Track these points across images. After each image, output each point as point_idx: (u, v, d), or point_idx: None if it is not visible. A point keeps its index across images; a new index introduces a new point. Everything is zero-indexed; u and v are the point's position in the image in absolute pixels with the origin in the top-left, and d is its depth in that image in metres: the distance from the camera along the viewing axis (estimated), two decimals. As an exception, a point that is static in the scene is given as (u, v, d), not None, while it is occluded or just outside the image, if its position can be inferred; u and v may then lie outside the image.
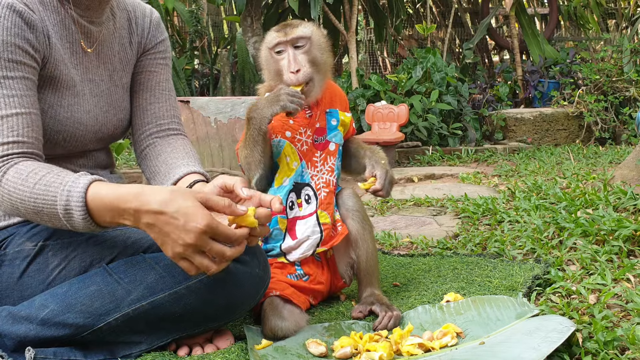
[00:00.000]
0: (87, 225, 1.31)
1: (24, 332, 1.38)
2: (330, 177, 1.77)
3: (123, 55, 1.70)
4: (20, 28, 1.40)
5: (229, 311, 1.49)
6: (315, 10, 5.32)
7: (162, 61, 1.79)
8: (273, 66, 1.71)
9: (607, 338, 1.36)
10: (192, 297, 1.41)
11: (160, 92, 1.77)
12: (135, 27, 1.74)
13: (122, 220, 1.30)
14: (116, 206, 1.28)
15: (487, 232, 2.52)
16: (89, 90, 1.59)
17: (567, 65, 6.70)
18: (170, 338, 1.47)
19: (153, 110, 1.75)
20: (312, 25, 1.74)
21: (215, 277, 1.41)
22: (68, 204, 1.29)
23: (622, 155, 4.69)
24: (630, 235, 2.09)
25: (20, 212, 1.35)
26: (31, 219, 1.37)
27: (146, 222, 1.27)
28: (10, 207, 1.35)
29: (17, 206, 1.34)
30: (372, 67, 8.34)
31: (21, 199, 1.33)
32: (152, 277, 1.41)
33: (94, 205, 1.29)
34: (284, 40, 1.67)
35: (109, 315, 1.39)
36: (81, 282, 1.42)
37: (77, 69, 1.56)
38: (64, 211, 1.30)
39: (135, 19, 1.75)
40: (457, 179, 4.26)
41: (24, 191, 1.32)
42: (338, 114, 1.79)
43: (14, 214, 1.38)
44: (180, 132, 1.80)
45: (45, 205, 1.31)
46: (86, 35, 1.58)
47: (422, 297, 1.79)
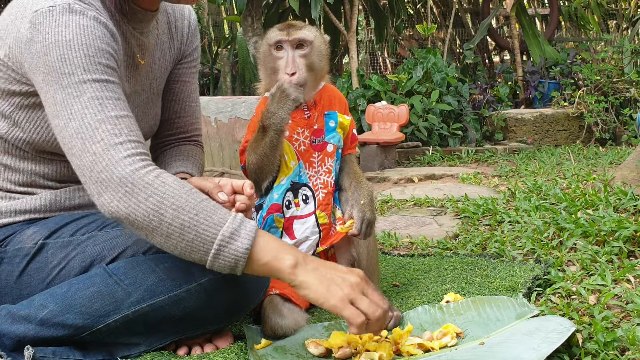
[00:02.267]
0: (240, 258, 1.27)
1: (22, 332, 1.38)
2: (329, 178, 1.77)
3: (162, 62, 1.69)
4: (108, 38, 1.39)
5: (228, 314, 1.49)
6: (316, 10, 5.32)
7: (194, 69, 1.80)
8: (270, 63, 1.71)
9: (607, 339, 1.36)
10: (192, 300, 1.41)
11: (190, 104, 1.79)
12: (174, 31, 1.72)
13: (280, 263, 1.28)
14: (284, 247, 1.31)
15: (487, 233, 2.52)
16: (132, 101, 1.58)
17: (567, 66, 6.70)
18: (170, 340, 1.47)
19: (179, 124, 1.78)
20: (316, 30, 1.74)
21: (215, 280, 1.41)
22: (237, 231, 1.27)
23: (622, 156, 4.69)
24: (630, 236, 2.09)
25: (162, 219, 1.26)
26: (160, 229, 1.27)
27: (311, 267, 1.28)
28: (151, 210, 1.25)
29: (164, 212, 1.25)
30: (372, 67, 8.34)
31: (177, 206, 1.26)
32: (153, 280, 1.40)
33: (261, 241, 1.29)
34: (285, 39, 1.67)
35: (108, 316, 1.39)
36: (81, 283, 1.41)
37: (129, 82, 1.57)
38: (230, 234, 1.26)
39: (174, 22, 1.73)
40: (457, 180, 4.25)
41: (188, 201, 1.27)
42: (337, 116, 1.78)
43: (145, 219, 1.26)
44: (197, 141, 1.82)
45: (207, 222, 1.26)
46: (140, 48, 1.58)
47: (422, 297, 1.79)
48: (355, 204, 1.72)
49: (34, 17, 1.34)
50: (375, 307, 1.25)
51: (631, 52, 6.38)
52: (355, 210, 1.71)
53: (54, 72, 1.32)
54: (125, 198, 1.26)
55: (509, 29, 8.02)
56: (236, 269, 1.29)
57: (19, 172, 1.53)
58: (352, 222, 1.70)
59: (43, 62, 1.33)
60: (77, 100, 1.31)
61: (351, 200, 1.74)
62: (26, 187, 1.54)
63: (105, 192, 1.27)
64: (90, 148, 1.28)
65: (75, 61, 1.32)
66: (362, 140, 5.05)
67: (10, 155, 1.52)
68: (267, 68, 1.73)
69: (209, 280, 1.40)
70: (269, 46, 1.70)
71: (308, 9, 5.57)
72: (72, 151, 1.31)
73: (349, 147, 1.83)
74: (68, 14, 1.34)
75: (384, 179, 4.49)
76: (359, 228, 1.68)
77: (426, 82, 5.83)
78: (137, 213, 1.26)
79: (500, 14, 8.49)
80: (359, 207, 1.70)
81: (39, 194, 1.54)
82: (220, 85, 7.11)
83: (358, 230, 1.69)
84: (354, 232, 1.69)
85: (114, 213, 1.28)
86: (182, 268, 1.41)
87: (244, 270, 1.30)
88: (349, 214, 1.73)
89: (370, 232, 1.71)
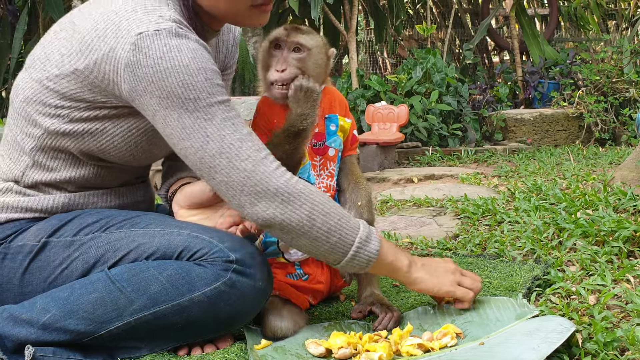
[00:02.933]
0: (373, 257, 1.46)
1: (24, 336, 1.38)
2: (331, 182, 1.76)
3: None
4: (212, 59, 1.42)
5: (230, 323, 1.49)
6: (316, 11, 5.31)
7: (229, 82, 1.82)
8: (266, 60, 1.69)
9: (606, 339, 1.36)
10: (195, 309, 1.41)
11: None
12: (220, 44, 1.74)
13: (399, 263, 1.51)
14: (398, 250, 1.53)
15: (487, 233, 2.52)
16: None
17: (567, 66, 6.70)
18: (171, 346, 1.47)
19: None
20: (321, 40, 1.71)
21: (218, 290, 1.41)
22: (370, 236, 1.46)
23: (622, 156, 4.69)
24: (630, 236, 2.09)
25: (314, 225, 1.39)
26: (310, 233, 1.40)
27: (421, 263, 1.54)
28: (305, 217, 1.38)
29: (315, 218, 1.39)
30: (372, 67, 8.33)
31: (326, 212, 1.40)
32: (156, 288, 1.40)
33: (385, 244, 1.49)
34: (284, 39, 1.66)
35: (110, 323, 1.39)
36: (83, 288, 1.41)
37: None
38: (365, 239, 1.45)
39: (221, 35, 1.74)
40: (457, 180, 4.25)
41: (332, 207, 1.42)
42: (337, 119, 1.78)
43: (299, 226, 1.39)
44: None
45: (347, 227, 1.43)
46: None
47: (422, 298, 1.79)
48: (352, 205, 1.72)
49: (139, 40, 1.35)
50: (476, 282, 1.58)
51: (631, 52, 6.37)
52: (352, 212, 1.71)
53: (175, 97, 1.35)
54: (282, 206, 1.38)
55: (508, 29, 8.02)
56: (365, 268, 1.48)
57: (47, 170, 1.52)
58: None
59: (158, 87, 1.35)
60: (211, 123, 1.37)
61: (349, 202, 1.74)
62: (47, 187, 1.53)
63: (260, 202, 1.38)
64: (239, 165, 1.38)
65: (199, 86, 1.36)
66: (362, 141, 5.04)
67: (45, 153, 1.51)
68: (263, 65, 1.71)
69: (212, 290, 1.41)
70: (268, 43, 1.70)
71: (308, 9, 5.57)
72: (216, 169, 1.38)
73: (349, 148, 1.83)
74: (175, 38, 1.36)
75: (383, 179, 4.49)
76: None
77: (426, 83, 5.83)
78: (292, 219, 1.38)
79: (500, 14, 8.49)
80: (356, 209, 1.70)
81: (54, 195, 1.53)
82: (220, 86, 7.10)
83: None
84: None
85: (269, 220, 1.39)
86: (185, 277, 1.41)
87: (368, 269, 1.49)
88: None
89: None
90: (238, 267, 1.43)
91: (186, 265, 1.43)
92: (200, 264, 1.43)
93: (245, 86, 6.81)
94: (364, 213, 1.70)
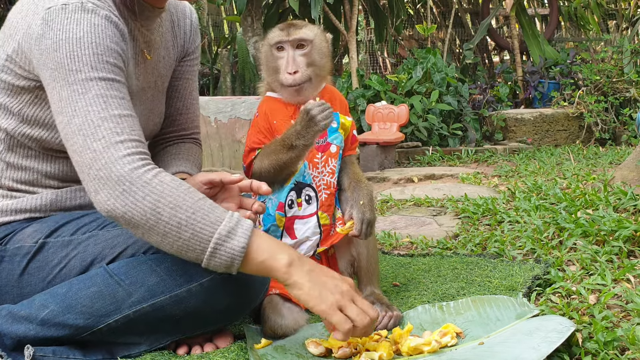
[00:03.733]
0: (237, 256, 1.28)
1: (23, 332, 1.38)
2: (331, 179, 1.76)
3: (167, 60, 1.70)
4: (118, 37, 1.40)
5: (229, 314, 1.49)
6: (316, 10, 5.31)
7: (196, 67, 1.81)
8: (272, 63, 1.71)
9: (607, 338, 1.36)
10: (193, 300, 1.41)
11: (191, 102, 1.80)
12: (177, 30, 1.74)
13: (275, 262, 1.30)
14: (280, 246, 1.34)
15: (487, 233, 2.52)
16: (139, 98, 1.58)
17: (567, 66, 6.70)
18: (170, 340, 1.47)
19: (181, 121, 1.79)
20: (317, 28, 1.74)
21: (216, 280, 1.41)
22: (234, 230, 1.29)
23: (622, 156, 4.69)
24: (630, 235, 2.09)
25: (160, 218, 1.27)
26: (156, 229, 1.28)
27: (307, 268, 1.31)
28: (148, 209, 1.26)
29: (161, 211, 1.27)
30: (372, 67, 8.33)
31: (174, 205, 1.27)
32: (153, 280, 1.40)
33: (258, 239, 1.31)
34: (285, 39, 1.68)
35: (109, 316, 1.39)
36: (81, 283, 1.41)
37: (138, 80, 1.57)
38: (227, 232, 1.28)
39: (177, 20, 1.74)
40: (457, 179, 4.25)
41: (185, 200, 1.28)
42: (338, 117, 1.78)
43: (142, 217, 1.27)
44: (195, 139, 1.83)
45: (204, 221, 1.28)
46: (147, 44, 1.59)
47: (422, 297, 1.79)
48: (354, 204, 1.72)
49: (47, 14, 1.35)
50: (363, 316, 1.29)
51: (631, 52, 6.37)
52: (355, 211, 1.71)
53: (62, 68, 1.33)
54: (123, 196, 1.27)
55: (508, 29, 8.02)
56: (232, 268, 1.30)
57: (22, 170, 1.53)
58: (352, 223, 1.70)
59: (52, 58, 1.34)
60: (82, 97, 1.32)
61: (351, 201, 1.74)
62: (28, 186, 1.54)
63: (102, 190, 1.28)
64: (91, 145, 1.29)
65: (84, 59, 1.33)
66: (362, 140, 5.05)
67: (14, 153, 1.52)
68: (269, 68, 1.74)
69: (210, 280, 1.40)
70: (270, 46, 1.71)
71: (308, 9, 5.57)
72: (74, 148, 1.32)
73: (349, 148, 1.83)
74: (81, 12, 1.36)
75: (383, 179, 4.49)
76: (359, 229, 1.68)
77: (426, 82, 5.83)
78: (134, 211, 1.27)
79: (500, 14, 8.49)
80: (358, 207, 1.70)
81: (40, 193, 1.54)
82: (220, 85, 7.10)
83: (358, 231, 1.69)
84: (355, 233, 1.69)
85: (111, 211, 1.29)
86: (183, 268, 1.41)
87: (240, 269, 1.31)
88: (348, 215, 1.73)
89: (370, 232, 1.71)
90: None
91: None
92: None
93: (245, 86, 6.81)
94: (366, 212, 1.70)
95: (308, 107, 1.59)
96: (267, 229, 1.73)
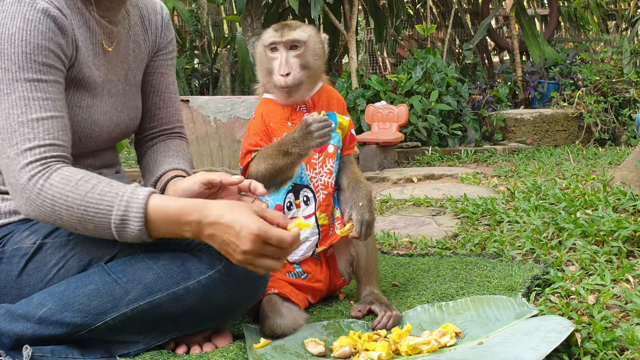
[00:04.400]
0: (141, 236, 1.32)
1: (21, 330, 1.38)
2: (329, 179, 1.76)
3: (137, 53, 1.70)
4: (54, 33, 1.40)
5: (227, 311, 1.49)
6: (316, 10, 5.31)
7: (171, 62, 1.80)
8: (265, 64, 1.71)
9: (606, 338, 1.36)
10: (190, 297, 1.41)
11: (169, 95, 1.79)
12: (148, 24, 1.74)
13: (181, 232, 1.33)
14: (177, 219, 1.32)
15: (487, 233, 2.52)
16: (107, 90, 1.59)
17: (567, 66, 6.70)
18: (168, 337, 1.47)
19: (160, 115, 1.78)
20: (312, 29, 1.74)
21: (213, 278, 1.41)
22: (125, 215, 1.31)
23: (621, 156, 4.69)
24: (629, 236, 2.09)
25: (60, 218, 1.33)
26: (69, 226, 1.35)
27: (207, 233, 1.32)
28: (50, 213, 1.33)
29: (60, 212, 1.32)
30: (372, 67, 8.33)
31: (68, 206, 1.31)
32: (151, 277, 1.40)
33: (154, 217, 1.32)
34: (279, 40, 1.68)
35: (106, 314, 1.39)
36: (79, 281, 1.42)
37: (100, 70, 1.57)
38: (120, 221, 1.31)
39: (147, 15, 1.75)
40: (456, 180, 4.25)
41: (74, 198, 1.31)
42: (336, 117, 1.78)
43: (49, 219, 1.35)
44: (181, 134, 1.82)
45: (97, 215, 1.31)
46: (107, 36, 1.58)
47: (421, 297, 1.79)
48: (353, 205, 1.72)
49: None
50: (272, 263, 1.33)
51: (630, 52, 6.37)
52: (354, 212, 1.71)
53: None
54: (27, 204, 1.34)
55: (508, 29, 8.02)
56: (145, 241, 1.35)
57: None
58: (351, 225, 1.70)
59: None
60: (6, 99, 1.36)
61: (350, 202, 1.74)
62: None
63: (15, 197, 1.37)
64: (6, 151, 1.35)
65: (13, 57, 1.35)
66: (362, 140, 5.04)
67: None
68: (263, 69, 1.74)
69: (207, 278, 1.40)
70: (264, 47, 1.71)
71: (308, 9, 5.57)
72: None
73: (347, 147, 1.83)
74: (17, 5, 1.37)
75: (383, 179, 4.49)
76: (358, 231, 1.68)
77: (425, 82, 5.83)
78: (41, 217, 1.35)
79: (500, 14, 8.49)
80: (357, 209, 1.70)
81: None
82: (220, 85, 7.10)
83: (358, 233, 1.68)
84: (354, 235, 1.69)
85: (27, 216, 1.38)
86: (180, 265, 1.41)
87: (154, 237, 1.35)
88: (347, 216, 1.73)
89: (369, 232, 1.71)
90: None
91: (181, 254, 1.44)
92: (195, 254, 1.43)
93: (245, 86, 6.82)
94: (365, 213, 1.70)
95: (309, 121, 1.59)
96: None
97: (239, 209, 1.31)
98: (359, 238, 1.69)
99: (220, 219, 1.30)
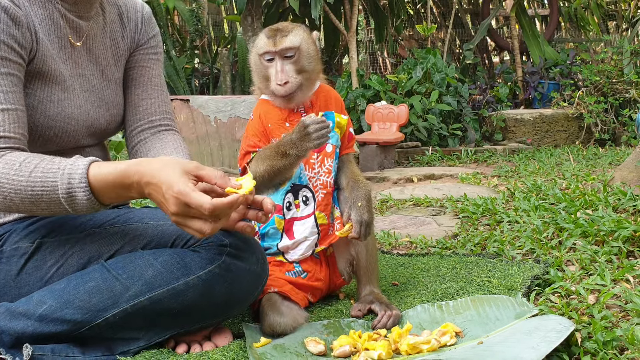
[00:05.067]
0: (92, 205, 1.33)
1: (21, 328, 1.38)
2: (328, 178, 1.76)
3: (115, 50, 1.70)
4: (5, 24, 1.40)
5: (227, 307, 1.49)
6: (316, 10, 5.31)
7: (154, 56, 1.80)
8: (262, 72, 1.72)
9: (606, 338, 1.36)
10: (190, 293, 1.41)
11: (152, 87, 1.78)
12: (127, 21, 1.74)
13: (130, 195, 1.33)
14: (121, 182, 1.32)
15: (487, 232, 2.52)
16: (79, 85, 1.58)
17: (567, 67, 6.70)
18: (169, 334, 1.47)
19: (145, 106, 1.76)
20: (303, 31, 1.73)
21: (213, 273, 1.41)
22: (70, 187, 1.31)
23: (621, 156, 4.69)
24: (629, 236, 2.09)
25: (14, 203, 1.34)
26: (25, 209, 1.36)
27: (147, 192, 1.31)
28: (2, 200, 1.34)
29: (11, 197, 1.33)
30: (372, 67, 8.33)
31: (16, 189, 1.32)
32: (151, 273, 1.41)
33: (97, 185, 1.32)
34: (272, 50, 1.67)
35: (107, 311, 1.39)
36: (79, 278, 1.42)
37: (67, 64, 1.56)
38: (67, 195, 1.31)
39: (126, 13, 1.75)
40: (456, 180, 4.25)
41: (19, 181, 1.32)
42: (334, 116, 1.78)
43: (5, 206, 1.36)
44: (172, 127, 1.80)
45: (45, 192, 1.32)
46: (75, 30, 1.58)
47: (421, 297, 1.79)
48: (352, 205, 1.72)
49: None
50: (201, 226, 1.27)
51: (631, 53, 6.37)
52: (353, 213, 1.71)
53: None
54: None
55: (508, 29, 8.02)
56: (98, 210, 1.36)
57: None
58: (350, 225, 1.70)
59: None
60: None
61: (349, 202, 1.74)
62: None
63: None
64: None
65: None
66: (362, 140, 5.05)
67: None
68: (259, 75, 1.74)
69: (207, 273, 1.41)
70: (258, 55, 1.71)
71: (308, 9, 5.57)
72: None
73: (346, 146, 1.83)
74: None
75: (383, 178, 4.49)
76: (357, 231, 1.69)
77: (426, 82, 5.83)
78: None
79: (500, 14, 8.49)
80: (356, 209, 1.70)
81: None
82: (220, 85, 7.11)
83: (357, 234, 1.69)
84: (354, 235, 1.69)
85: None
86: (179, 261, 1.41)
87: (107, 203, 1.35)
88: (346, 217, 1.73)
89: (368, 233, 1.71)
90: (232, 251, 1.44)
91: (181, 251, 1.44)
92: (195, 250, 1.44)
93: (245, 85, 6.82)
94: (364, 213, 1.70)
95: (307, 122, 1.59)
96: (266, 232, 1.74)
97: (168, 169, 1.28)
98: (358, 238, 1.70)
99: (152, 179, 1.29)
